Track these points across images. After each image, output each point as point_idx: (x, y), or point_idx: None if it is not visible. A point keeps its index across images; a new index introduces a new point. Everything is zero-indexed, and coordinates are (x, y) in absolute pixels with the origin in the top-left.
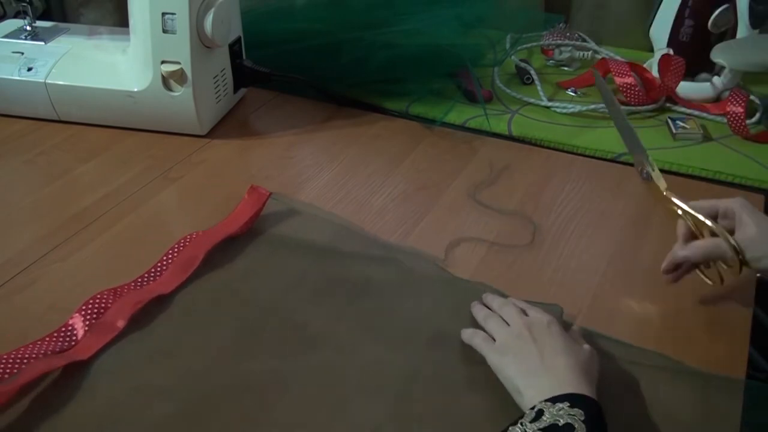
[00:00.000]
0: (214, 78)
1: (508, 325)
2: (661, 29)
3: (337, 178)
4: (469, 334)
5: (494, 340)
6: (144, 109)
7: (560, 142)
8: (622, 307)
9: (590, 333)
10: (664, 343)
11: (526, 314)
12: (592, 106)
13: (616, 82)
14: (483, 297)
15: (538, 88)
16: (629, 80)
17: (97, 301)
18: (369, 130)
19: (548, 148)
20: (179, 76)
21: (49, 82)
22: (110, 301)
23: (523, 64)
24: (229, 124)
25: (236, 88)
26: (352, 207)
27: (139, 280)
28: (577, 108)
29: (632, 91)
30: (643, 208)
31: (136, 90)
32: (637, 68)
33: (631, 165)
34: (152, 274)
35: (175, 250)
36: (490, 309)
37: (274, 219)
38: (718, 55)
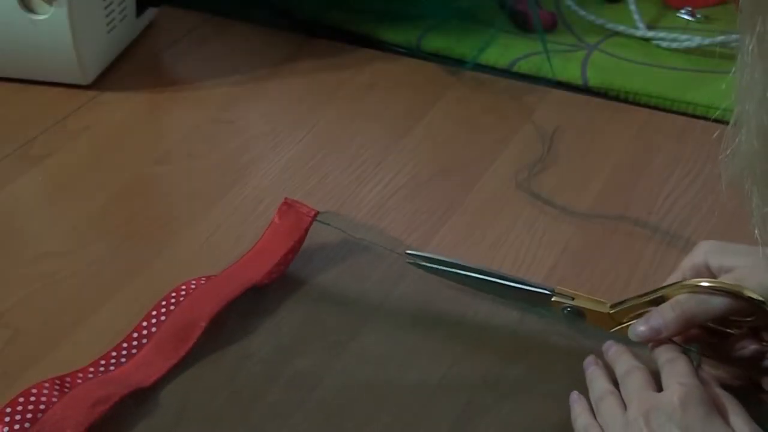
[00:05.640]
0: None
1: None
2: None
3: (304, 157)
4: (575, 415)
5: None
6: None
7: (667, 96)
8: None
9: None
10: None
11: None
12: (721, 39)
13: None
14: (605, 348)
15: (632, 8)
16: None
17: (31, 400)
18: (357, 76)
19: (647, 106)
20: None
21: None
22: (52, 399)
23: None
24: (128, 68)
25: (141, 10)
26: (328, 204)
27: (102, 362)
28: (696, 41)
29: None
30: None
31: None
32: None
33: None
34: (123, 352)
35: (162, 310)
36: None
37: (324, 256)
38: None
